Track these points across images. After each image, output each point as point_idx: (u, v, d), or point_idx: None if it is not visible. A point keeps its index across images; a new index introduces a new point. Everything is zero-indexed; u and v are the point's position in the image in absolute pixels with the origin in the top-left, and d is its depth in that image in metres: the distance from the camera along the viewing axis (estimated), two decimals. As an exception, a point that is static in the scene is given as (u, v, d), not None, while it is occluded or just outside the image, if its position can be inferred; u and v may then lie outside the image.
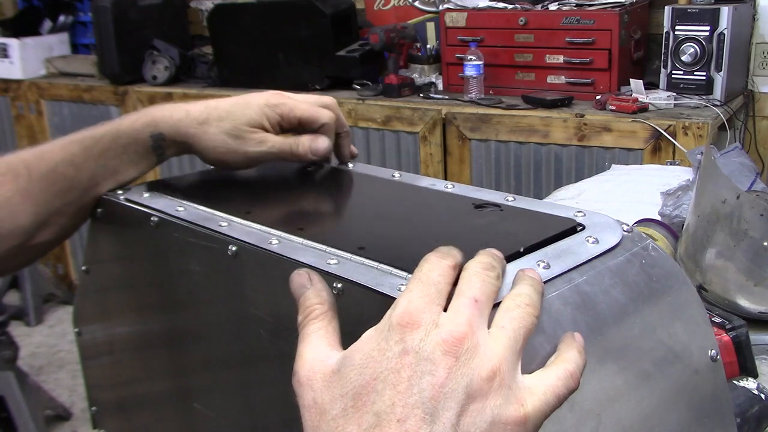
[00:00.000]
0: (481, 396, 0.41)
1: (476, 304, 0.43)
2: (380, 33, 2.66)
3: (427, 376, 0.40)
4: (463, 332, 0.41)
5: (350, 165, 0.81)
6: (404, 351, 0.41)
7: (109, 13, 3.06)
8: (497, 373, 0.41)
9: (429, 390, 0.40)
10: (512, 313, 0.44)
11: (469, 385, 0.40)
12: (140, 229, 0.71)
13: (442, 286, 0.44)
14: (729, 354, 0.79)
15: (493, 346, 0.42)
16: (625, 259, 0.55)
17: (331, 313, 0.47)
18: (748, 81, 2.51)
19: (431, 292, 0.44)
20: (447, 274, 0.45)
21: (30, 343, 3.34)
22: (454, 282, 0.45)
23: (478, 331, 0.42)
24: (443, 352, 0.41)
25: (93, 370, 0.87)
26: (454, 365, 0.41)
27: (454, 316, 0.43)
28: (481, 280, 0.45)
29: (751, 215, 0.92)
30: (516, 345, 0.43)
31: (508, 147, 2.38)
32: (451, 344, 0.41)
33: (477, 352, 0.41)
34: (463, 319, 0.42)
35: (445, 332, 0.41)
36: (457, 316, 0.42)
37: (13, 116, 3.56)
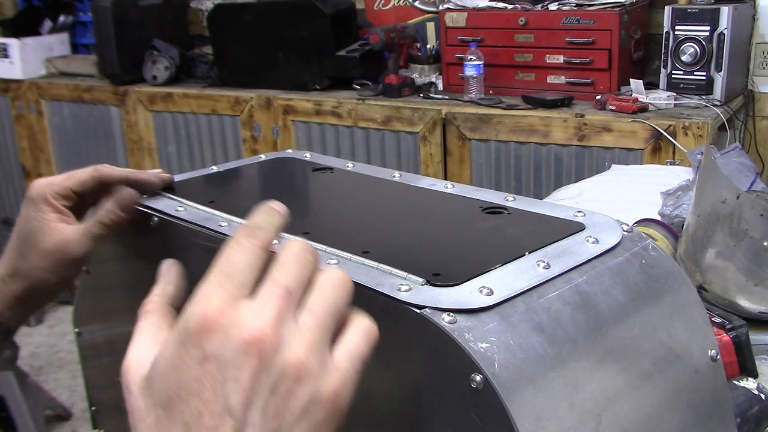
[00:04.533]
0: (288, 392, 0.39)
1: (287, 294, 0.41)
2: (380, 33, 2.66)
3: (230, 381, 0.39)
4: (265, 331, 0.39)
5: (350, 165, 0.81)
6: (204, 358, 0.39)
7: (109, 13, 3.07)
8: (304, 367, 0.39)
9: (235, 396, 0.38)
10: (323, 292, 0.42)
11: (276, 385, 0.39)
12: (140, 229, 0.71)
13: (247, 275, 0.42)
14: (729, 354, 0.79)
15: (300, 337, 0.40)
16: (625, 259, 0.55)
17: (167, 308, 0.46)
18: (748, 81, 2.51)
19: (232, 286, 0.41)
20: (255, 257, 0.42)
21: (30, 343, 3.34)
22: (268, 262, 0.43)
23: (284, 324, 0.40)
24: (245, 354, 0.39)
25: (93, 370, 0.87)
26: (258, 367, 0.39)
27: (258, 310, 0.40)
28: (299, 266, 0.42)
29: (751, 215, 0.92)
30: (326, 328, 0.41)
31: (508, 147, 2.38)
32: (253, 345, 0.39)
33: (282, 348, 0.39)
34: (269, 314, 0.40)
35: (247, 332, 0.39)
36: (263, 310, 0.40)
37: (13, 116, 3.56)
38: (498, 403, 0.44)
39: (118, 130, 3.23)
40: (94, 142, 3.32)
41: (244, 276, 0.42)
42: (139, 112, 3.13)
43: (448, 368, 0.46)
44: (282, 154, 0.89)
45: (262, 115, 2.83)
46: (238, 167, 0.86)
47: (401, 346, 0.50)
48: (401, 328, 0.49)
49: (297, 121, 2.77)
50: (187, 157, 3.08)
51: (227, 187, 0.82)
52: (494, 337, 0.46)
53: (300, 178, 0.82)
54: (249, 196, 0.81)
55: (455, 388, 0.46)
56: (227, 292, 0.41)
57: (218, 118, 2.95)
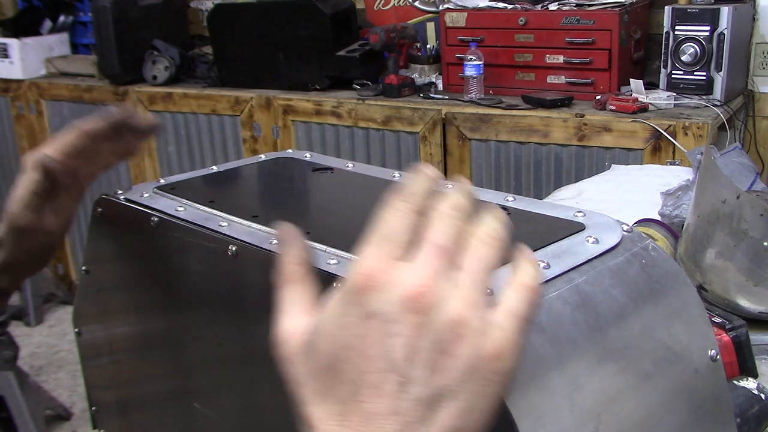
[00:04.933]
0: (451, 348, 0.39)
1: (440, 251, 0.41)
2: (380, 33, 2.66)
3: (394, 337, 0.39)
4: (425, 285, 0.40)
5: (350, 165, 0.81)
6: (367, 315, 0.40)
7: (109, 13, 3.06)
8: (465, 322, 0.40)
9: (399, 351, 0.39)
10: (476, 251, 0.42)
11: (439, 340, 0.39)
12: (140, 229, 0.71)
13: (402, 236, 0.42)
14: (729, 354, 0.79)
15: (458, 294, 0.41)
16: (625, 259, 0.55)
17: (307, 274, 0.46)
18: (748, 81, 2.51)
19: (391, 247, 0.42)
20: (409, 220, 0.43)
21: (30, 343, 3.34)
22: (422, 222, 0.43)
23: (442, 281, 0.41)
24: (407, 310, 0.39)
25: (93, 370, 0.87)
26: (421, 322, 0.39)
27: (417, 267, 0.41)
28: (449, 224, 0.43)
29: (751, 215, 0.92)
30: (482, 284, 0.42)
31: (508, 147, 2.38)
32: (414, 300, 0.39)
33: (442, 304, 0.40)
34: (426, 271, 0.41)
35: (408, 288, 0.40)
36: (421, 267, 0.41)
37: (13, 116, 3.56)
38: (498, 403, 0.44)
39: (118, 130, 3.22)
40: (94, 142, 3.32)
41: (400, 237, 0.42)
42: (139, 113, 3.13)
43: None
44: (282, 154, 0.89)
45: (262, 115, 2.83)
46: (238, 167, 0.86)
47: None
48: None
49: (297, 121, 2.77)
50: (187, 157, 3.08)
51: (227, 187, 0.82)
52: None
53: (300, 178, 0.82)
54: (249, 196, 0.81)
55: None
56: (386, 253, 0.41)
57: (218, 118, 2.95)
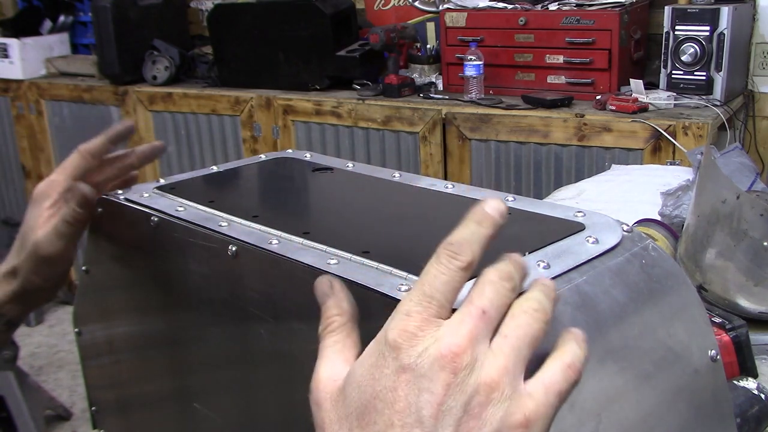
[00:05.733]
0: (480, 411, 0.40)
1: (483, 315, 0.41)
2: (380, 33, 2.66)
3: (425, 393, 0.39)
4: (462, 346, 0.40)
5: (350, 165, 0.81)
6: (401, 368, 0.40)
7: (109, 13, 3.06)
8: (497, 387, 0.40)
9: (427, 408, 0.39)
10: (518, 320, 0.42)
11: (468, 402, 0.40)
12: (140, 229, 0.71)
13: (447, 296, 0.42)
14: (729, 354, 0.79)
15: (493, 359, 0.41)
16: (625, 259, 0.55)
17: (350, 324, 0.46)
18: (748, 81, 2.51)
19: (432, 306, 0.42)
20: (455, 279, 0.42)
21: (30, 343, 3.34)
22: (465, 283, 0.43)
23: (480, 344, 0.41)
24: (441, 368, 0.40)
25: (93, 370, 0.87)
26: (453, 381, 0.39)
27: (456, 328, 0.41)
28: (495, 291, 0.43)
29: (751, 215, 0.92)
30: (519, 354, 0.41)
31: (508, 147, 2.38)
32: (449, 360, 0.40)
33: (476, 366, 0.40)
34: (465, 332, 0.41)
35: (444, 347, 0.40)
36: (459, 328, 0.41)
37: (13, 116, 3.56)
38: None
39: (118, 130, 3.22)
40: (94, 142, 3.32)
41: (443, 297, 0.42)
42: (139, 112, 3.13)
43: (448, 368, 0.46)
44: (282, 154, 0.89)
45: (262, 115, 2.83)
46: (238, 167, 0.86)
47: (401, 346, 0.50)
48: (401, 328, 0.49)
49: (297, 121, 2.77)
50: (187, 157, 3.08)
51: (227, 187, 0.82)
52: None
53: (300, 178, 0.82)
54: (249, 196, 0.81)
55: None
56: (428, 310, 0.41)
57: (218, 118, 2.95)
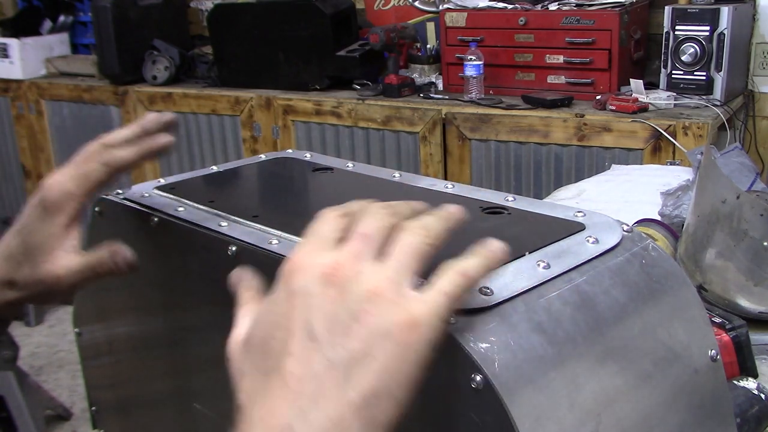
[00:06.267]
0: (364, 315, 0.42)
1: (363, 237, 0.45)
2: (380, 33, 2.65)
3: (314, 310, 0.42)
4: (341, 262, 0.43)
5: (350, 165, 0.81)
6: (291, 294, 0.43)
7: (109, 13, 3.06)
8: (381, 293, 0.42)
9: (318, 323, 0.42)
10: (401, 239, 0.45)
11: (355, 309, 0.42)
12: (140, 229, 0.71)
13: (329, 233, 0.46)
14: (729, 354, 0.79)
15: (377, 269, 0.43)
16: (625, 259, 0.55)
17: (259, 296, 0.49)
18: (748, 81, 2.51)
19: (317, 240, 0.45)
20: (334, 221, 0.46)
21: (30, 343, 3.34)
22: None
23: (362, 260, 0.44)
24: (326, 284, 0.42)
25: (93, 370, 0.87)
26: (338, 294, 0.42)
27: (338, 251, 0.44)
28: (372, 216, 0.46)
29: (751, 215, 0.92)
30: (403, 265, 0.44)
31: (508, 147, 2.38)
32: (332, 274, 0.43)
33: (359, 278, 0.43)
34: (345, 252, 0.44)
35: (327, 265, 0.43)
36: (341, 250, 0.44)
37: (13, 116, 3.56)
38: (498, 403, 0.44)
39: (118, 130, 3.22)
40: (94, 142, 3.32)
41: (328, 233, 0.46)
42: (139, 112, 3.13)
43: (448, 368, 0.46)
44: (282, 154, 0.89)
45: (262, 115, 2.83)
46: (238, 167, 0.86)
47: (401, 346, 0.50)
48: (401, 328, 0.49)
49: (297, 121, 2.77)
50: (187, 157, 3.08)
51: (227, 187, 0.82)
52: (494, 337, 0.46)
53: (300, 178, 0.82)
54: (249, 196, 0.81)
55: (455, 388, 0.46)
56: (309, 245, 0.45)
57: (218, 118, 2.95)
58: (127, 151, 0.67)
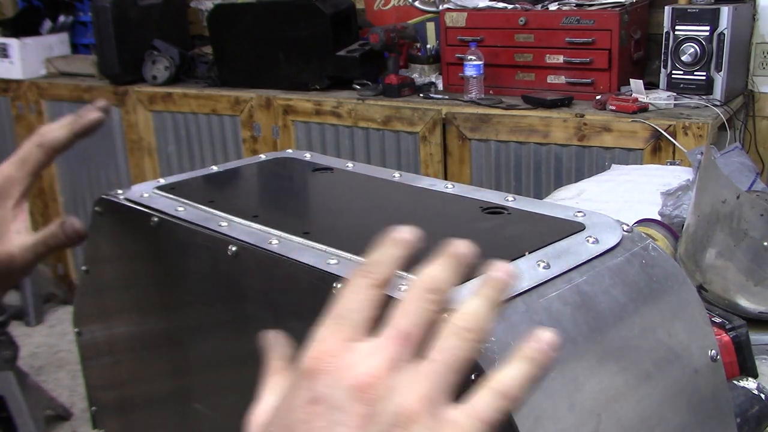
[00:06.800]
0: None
1: (402, 337, 0.39)
2: (380, 33, 2.65)
3: (338, 426, 0.37)
4: (376, 375, 0.38)
5: (350, 165, 0.81)
6: (314, 400, 0.38)
7: (109, 13, 3.06)
8: (416, 418, 0.37)
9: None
10: (444, 342, 0.39)
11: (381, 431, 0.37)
12: (140, 229, 0.71)
13: (361, 315, 0.40)
14: (729, 354, 0.79)
15: (412, 386, 0.38)
16: (625, 259, 0.55)
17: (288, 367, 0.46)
18: (748, 81, 2.51)
19: (346, 328, 0.40)
20: (367, 298, 0.41)
21: (30, 343, 3.34)
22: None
23: (397, 371, 0.39)
24: (354, 399, 0.38)
25: (93, 370, 0.87)
26: (367, 412, 0.37)
27: (372, 354, 0.39)
28: (418, 308, 0.40)
29: (751, 215, 0.92)
30: (443, 380, 0.39)
31: (508, 147, 2.38)
32: (363, 389, 0.38)
33: (393, 396, 0.38)
34: (380, 360, 0.39)
35: (358, 375, 0.38)
36: (376, 355, 0.39)
37: (13, 116, 3.56)
38: None
39: (118, 130, 3.22)
40: (94, 142, 3.32)
41: (358, 317, 0.40)
42: (139, 112, 3.13)
43: (448, 368, 0.46)
44: (282, 154, 0.89)
45: (262, 115, 2.83)
46: (238, 167, 0.86)
47: (401, 346, 0.50)
48: (401, 328, 0.49)
49: (297, 121, 2.77)
50: (187, 157, 3.08)
51: (227, 187, 0.82)
52: (494, 337, 0.46)
53: (300, 178, 0.82)
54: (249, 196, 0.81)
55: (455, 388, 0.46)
56: (340, 334, 0.40)
57: (218, 118, 2.95)
58: (59, 131, 0.71)
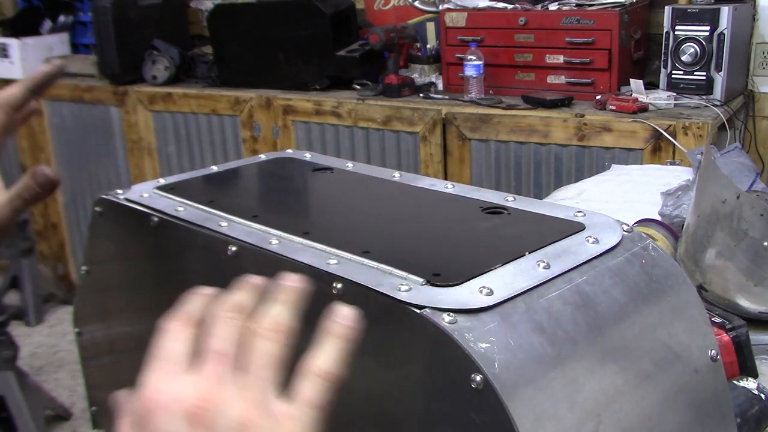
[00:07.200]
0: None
1: (218, 356, 0.42)
2: (380, 33, 2.65)
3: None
4: (204, 398, 0.40)
5: (350, 165, 0.81)
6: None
7: (109, 13, 3.06)
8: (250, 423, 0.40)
9: None
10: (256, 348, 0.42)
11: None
12: (140, 229, 0.71)
13: (178, 352, 0.43)
14: (729, 354, 0.79)
15: (240, 393, 0.41)
16: (625, 259, 0.55)
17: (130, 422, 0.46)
18: (748, 81, 2.51)
19: (167, 365, 0.42)
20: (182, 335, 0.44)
21: (30, 343, 3.34)
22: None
23: (223, 386, 0.41)
24: (192, 425, 0.39)
25: (93, 370, 0.87)
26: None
27: (196, 380, 0.41)
28: (226, 327, 0.43)
29: (751, 215, 0.92)
30: (264, 380, 0.41)
31: (508, 147, 2.38)
32: (196, 414, 0.40)
33: (226, 411, 0.40)
34: (206, 382, 0.41)
35: (189, 403, 0.40)
36: (200, 379, 0.41)
37: (13, 116, 3.56)
38: (498, 403, 0.44)
39: (118, 130, 3.23)
40: (94, 142, 3.32)
41: (175, 353, 0.43)
42: (139, 112, 3.13)
43: (449, 368, 0.46)
44: (282, 154, 0.89)
45: (262, 115, 2.83)
46: (238, 167, 0.86)
47: (401, 347, 0.50)
48: (401, 329, 0.49)
49: (297, 121, 2.77)
50: (187, 157, 3.08)
51: (227, 187, 0.82)
52: (494, 337, 0.46)
53: (300, 178, 0.82)
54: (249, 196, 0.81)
55: (455, 388, 0.46)
56: (162, 372, 0.42)
57: (218, 118, 2.95)
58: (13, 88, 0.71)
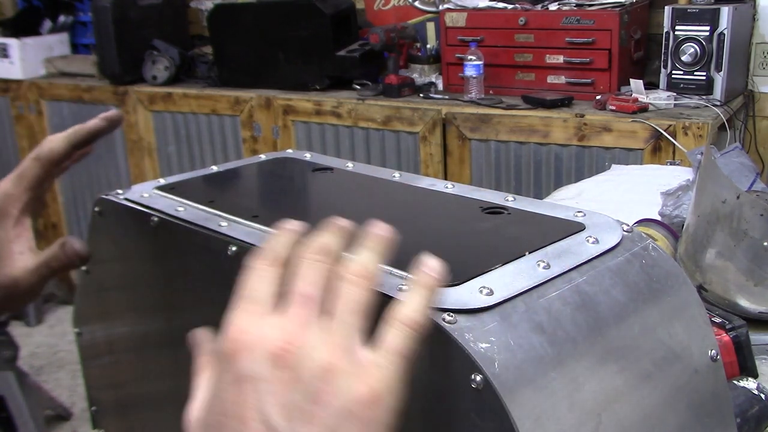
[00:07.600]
0: (322, 395, 0.39)
1: (304, 299, 0.42)
2: (380, 33, 2.65)
3: (266, 396, 0.39)
4: (289, 340, 0.40)
5: (350, 165, 0.81)
6: (238, 379, 0.40)
7: (109, 13, 3.06)
8: (333, 368, 0.40)
9: (274, 411, 0.39)
10: (345, 294, 0.42)
11: (309, 391, 0.39)
12: (140, 229, 0.71)
13: (264, 292, 0.43)
14: (729, 354, 0.79)
15: (322, 340, 0.41)
16: (625, 259, 0.55)
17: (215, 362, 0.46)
18: (748, 81, 2.51)
19: (251, 306, 0.42)
20: (267, 276, 0.44)
21: (30, 343, 3.34)
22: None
23: (309, 331, 0.41)
24: (275, 367, 0.40)
25: (93, 370, 0.87)
26: (290, 377, 0.39)
27: (281, 322, 0.41)
28: (312, 270, 0.43)
29: (751, 215, 0.92)
30: (349, 326, 0.41)
31: (508, 147, 2.38)
32: (281, 356, 0.40)
33: (310, 354, 0.40)
34: (290, 325, 0.41)
35: (273, 344, 0.40)
36: (285, 321, 0.41)
37: (13, 116, 3.56)
38: (498, 403, 0.44)
39: (118, 130, 3.22)
40: (94, 142, 3.32)
41: (261, 294, 0.43)
42: (139, 112, 3.13)
43: (449, 368, 0.46)
44: (282, 154, 0.89)
45: (262, 115, 2.83)
46: (238, 167, 0.86)
47: (401, 346, 0.50)
48: (401, 328, 0.49)
49: (297, 121, 2.77)
50: (187, 157, 3.08)
51: (227, 187, 0.82)
52: (494, 337, 0.46)
53: (300, 178, 0.82)
54: (249, 196, 0.81)
55: (455, 388, 0.46)
56: (248, 312, 0.42)
57: (218, 118, 2.95)
58: (56, 142, 0.68)
